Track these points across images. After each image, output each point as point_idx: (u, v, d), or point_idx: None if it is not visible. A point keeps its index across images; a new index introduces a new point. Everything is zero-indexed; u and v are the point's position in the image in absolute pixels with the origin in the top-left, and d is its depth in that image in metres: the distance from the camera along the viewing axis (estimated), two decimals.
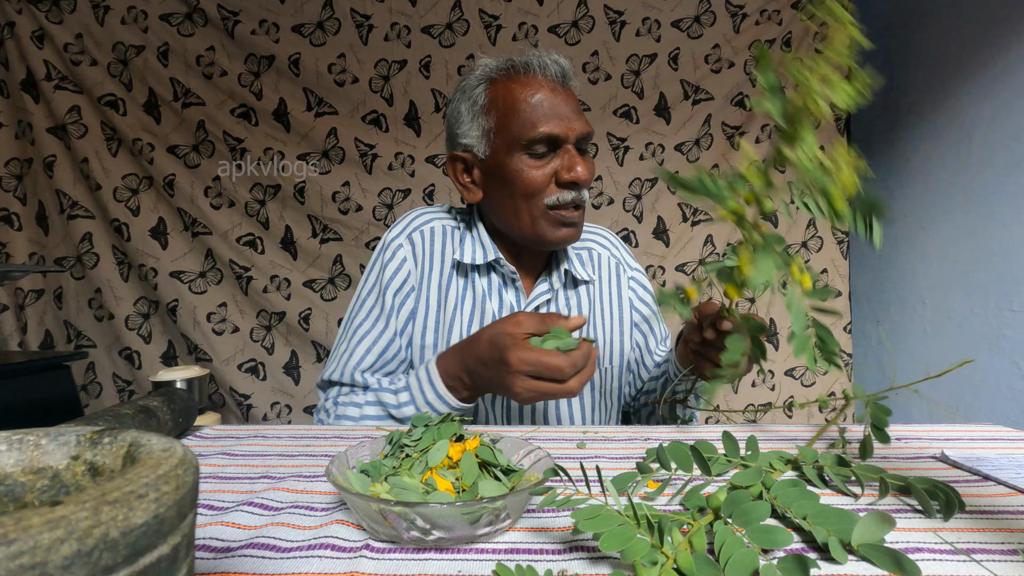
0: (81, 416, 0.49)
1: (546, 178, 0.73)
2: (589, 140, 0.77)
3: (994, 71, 1.48)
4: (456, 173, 0.80)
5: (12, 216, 1.83)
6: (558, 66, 0.74)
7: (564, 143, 0.73)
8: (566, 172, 0.72)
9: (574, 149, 0.74)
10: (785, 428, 0.63)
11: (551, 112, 0.72)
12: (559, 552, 0.34)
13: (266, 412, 1.89)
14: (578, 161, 0.73)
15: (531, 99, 0.72)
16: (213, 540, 0.35)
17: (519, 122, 0.72)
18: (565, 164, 0.73)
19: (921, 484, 0.39)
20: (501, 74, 0.75)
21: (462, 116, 0.77)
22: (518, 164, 0.73)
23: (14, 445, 0.23)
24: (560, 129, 0.72)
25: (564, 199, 0.73)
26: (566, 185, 0.73)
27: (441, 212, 0.86)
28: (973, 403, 1.54)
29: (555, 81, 0.74)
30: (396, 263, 0.80)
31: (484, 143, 0.76)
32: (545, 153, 0.73)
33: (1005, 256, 1.44)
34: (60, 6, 1.79)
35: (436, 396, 0.69)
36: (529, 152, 0.73)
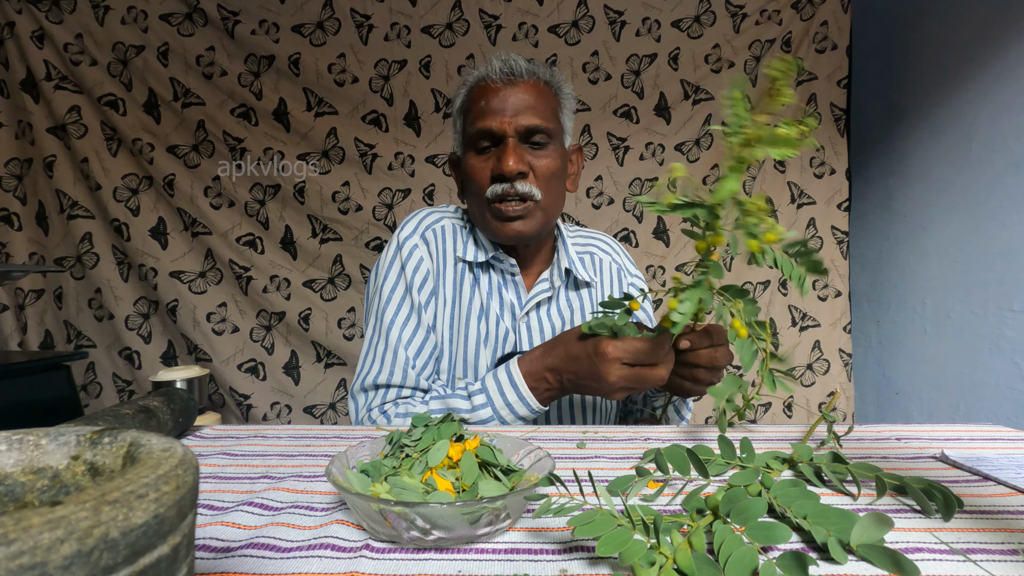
0: (81, 416, 0.49)
1: (485, 172, 0.76)
2: (543, 133, 0.76)
3: (994, 71, 1.48)
4: (454, 172, 0.87)
5: (12, 216, 1.83)
6: (504, 64, 0.76)
7: (503, 136, 0.75)
8: (496, 164, 0.74)
9: (513, 142, 0.74)
10: (780, 429, 0.63)
11: (490, 108, 0.75)
12: (559, 552, 0.34)
13: (266, 412, 1.89)
14: (507, 154, 0.73)
15: (480, 99, 0.77)
16: (213, 540, 0.35)
17: (469, 121, 0.78)
18: (496, 157, 0.75)
19: (917, 484, 0.39)
20: (473, 81, 0.80)
21: (453, 120, 0.84)
22: (469, 160, 0.78)
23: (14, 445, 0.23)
24: (495, 123, 0.74)
25: (495, 192, 0.75)
26: (496, 178, 0.75)
27: (449, 211, 0.87)
28: (973, 403, 1.54)
29: (500, 79, 0.76)
30: (415, 261, 0.81)
31: (459, 144, 0.83)
32: (487, 148, 0.76)
33: (1005, 256, 1.44)
34: (60, 6, 1.79)
35: (517, 397, 0.68)
36: (476, 148, 0.77)
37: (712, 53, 1.91)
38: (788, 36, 1.90)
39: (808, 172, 1.94)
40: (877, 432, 0.61)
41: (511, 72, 0.76)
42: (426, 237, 0.83)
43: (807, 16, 1.88)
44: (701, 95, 1.93)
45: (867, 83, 1.96)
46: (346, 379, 1.91)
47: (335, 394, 1.90)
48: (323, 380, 1.89)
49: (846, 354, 1.94)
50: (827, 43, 1.90)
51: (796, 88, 1.91)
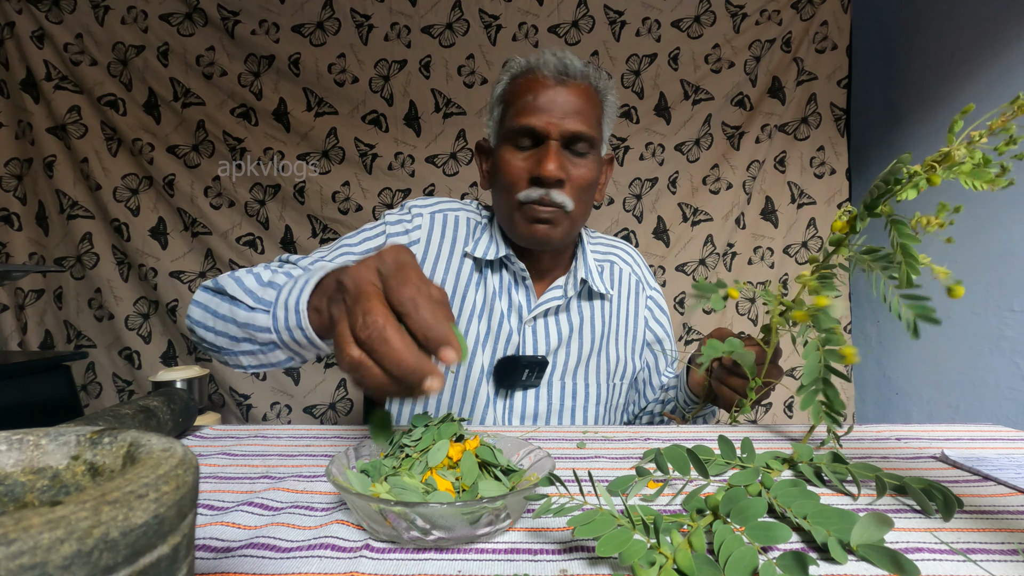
0: (81, 416, 0.49)
1: (522, 172, 0.72)
2: (585, 142, 0.73)
3: (994, 71, 1.48)
4: (480, 162, 0.83)
5: (12, 216, 1.83)
6: (560, 62, 0.73)
7: (545, 138, 0.71)
8: (536, 167, 0.71)
9: (556, 146, 0.71)
10: (780, 428, 0.63)
11: (538, 106, 0.71)
12: (559, 552, 0.34)
13: (266, 412, 1.89)
14: (551, 158, 0.70)
15: (527, 93, 0.73)
16: (213, 540, 0.35)
17: (511, 113, 0.74)
18: (538, 159, 0.71)
19: (917, 484, 0.39)
20: (519, 70, 0.76)
21: (488, 107, 0.81)
22: (504, 154, 0.74)
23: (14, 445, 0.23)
24: (540, 123, 0.70)
25: (530, 196, 0.72)
26: (534, 181, 0.72)
27: (469, 206, 0.85)
28: (973, 403, 1.54)
29: (552, 76, 0.72)
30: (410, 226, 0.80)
31: (494, 133, 0.79)
32: (528, 147, 0.73)
33: (1005, 256, 1.44)
34: (60, 6, 1.79)
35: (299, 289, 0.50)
36: (514, 144, 0.73)
37: (712, 53, 1.91)
38: (788, 36, 1.90)
39: (808, 172, 1.94)
40: (877, 432, 0.61)
41: (565, 71, 0.73)
42: (435, 218, 0.81)
43: (807, 16, 1.88)
44: (701, 95, 1.92)
45: (867, 83, 1.96)
46: (346, 379, 1.91)
47: (335, 394, 1.90)
48: (323, 380, 1.89)
49: None
50: (827, 43, 1.90)
51: (796, 88, 1.91)
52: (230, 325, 0.58)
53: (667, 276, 1.94)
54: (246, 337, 0.56)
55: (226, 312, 0.58)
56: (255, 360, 0.58)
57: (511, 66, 0.78)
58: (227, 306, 0.58)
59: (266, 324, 0.53)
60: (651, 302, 0.91)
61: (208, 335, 0.62)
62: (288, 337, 0.52)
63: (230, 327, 0.58)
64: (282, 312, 0.51)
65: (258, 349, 0.56)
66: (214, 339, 0.61)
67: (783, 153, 1.94)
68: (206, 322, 0.62)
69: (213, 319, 0.60)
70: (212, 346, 0.62)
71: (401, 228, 0.79)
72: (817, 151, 1.93)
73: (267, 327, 0.53)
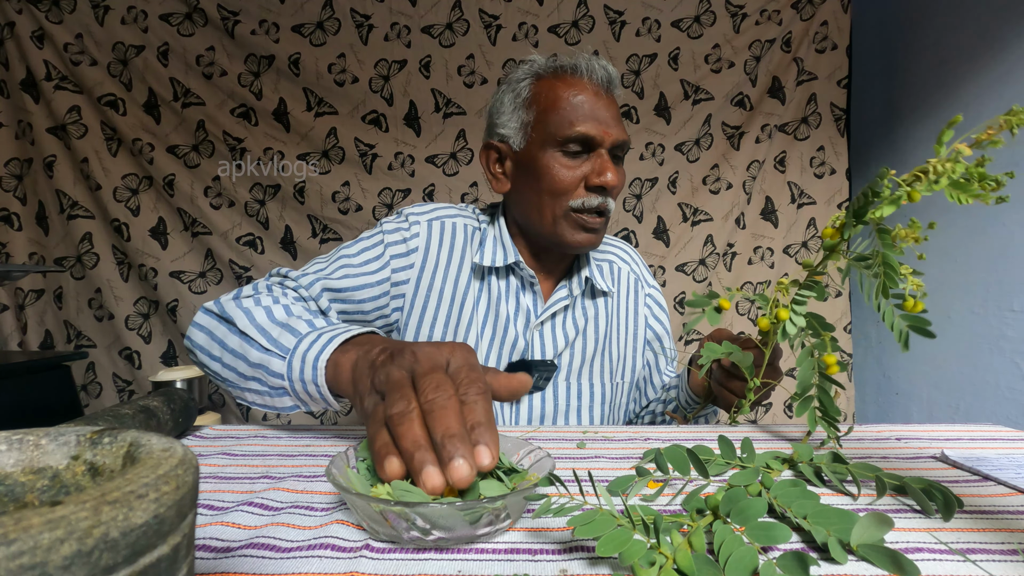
0: (81, 416, 0.49)
1: (575, 179, 0.73)
2: (624, 150, 0.76)
3: (994, 71, 1.48)
4: (488, 162, 0.81)
5: (12, 216, 1.83)
6: (605, 72, 0.74)
7: (599, 147, 0.72)
8: (596, 176, 0.72)
9: (607, 155, 0.73)
10: (780, 428, 0.63)
11: (590, 114, 0.72)
12: (559, 552, 0.34)
13: (266, 413, 1.88)
14: (609, 167, 0.72)
15: (573, 99, 0.72)
16: (213, 540, 0.35)
17: (557, 119, 0.72)
18: (596, 168, 0.72)
19: (917, 484, 0.39)
20: (548, 71, 0.76)
21: (504, 107, 0.78)
22: (550, 160, 0.73)
23: (14, 445, 0.23)
24: (597, 131, 0.72)
25: (590, 203, 0.73)
26: (594, 189, 0.73)
27: (465, 212, 0.84)
28: (973, 403, 1.54)
29: (599, 85, 0.74)
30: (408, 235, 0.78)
31: (521, 135, 0.76)
32: (579, 153, 0.73)
33: (1005, 256, 1.44)
34: (60, 6, 1.79)
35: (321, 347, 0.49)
36: (563, 150, 0.73)
37: (712, 53, 1.91)
38: (788, 36, 1.90)
39: (808, 172, 1.94)
40: (877, 432, 0.61)
41: (610, 81, 0.75)
42: (433, 225, 0.80)
43: (807, 16, 1.88)
44: (701, 95, 1.92)
45: (867, 83, 1.96)
46: None
47: None
48: None
49: (846, 354, 1.94)
50: (827, 43, 1.90)
51: (796, 88, 1.91)
52: (240, 361, 0.56)
53: (667, 276, 1.94)
54: (256, 377, 0.55)
55: (235, 347, 0.57)
56: (260, 400, 0.56)
57: (534, 66, 0.77)
58: (237, 340, 0.57)
59: (280, 370, 0.52)
60: (650, 300, 0.91)
61: (213, 364, 0.60)
62: (301, 388, 0.51)
63: (239, 363, 0.56)
64: (298, 363, 0.50)
65: (266, 391, 0.55)
66: (220, 370, 0.59)
67: (783, 153, 1.94)
68: (211, 350, 0.60)
69: (220, 349, 0.58)
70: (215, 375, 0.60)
71: (399, 237, 0.77)
72: (817, 151, 1.93)
73: (280, 373, 0.52)
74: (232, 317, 0.58)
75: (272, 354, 0.53)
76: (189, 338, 0.63)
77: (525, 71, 0.77)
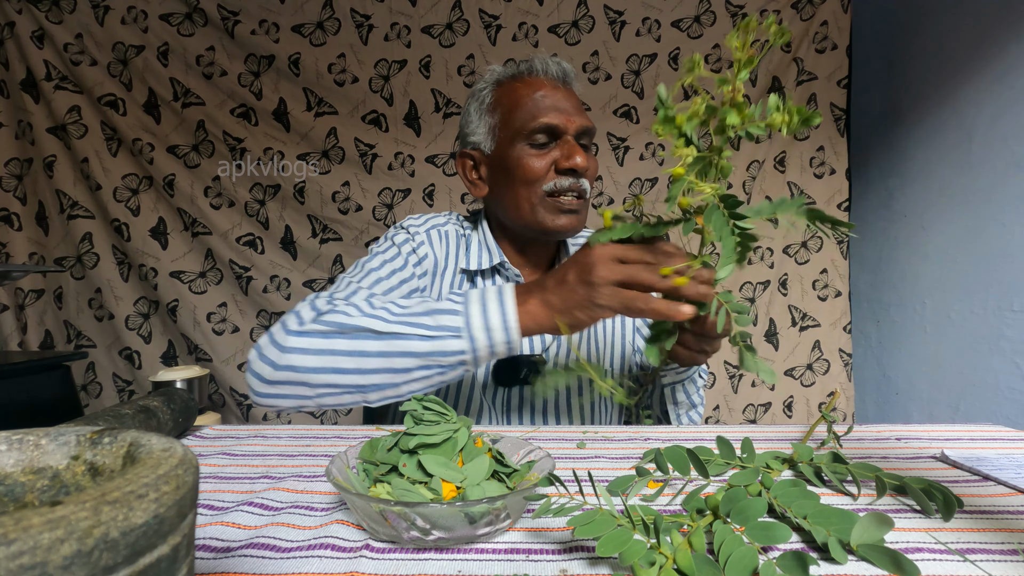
0: (81, 416, 0.49)
1: (545, 166, 0.76)
2: (590, 136, 0.79)
3: (994, 71, 1.48)
4: (465, 171, 0.85)
5: (12, 216, 1.83)
6: (559, 67, 0.79)
7: (563, 134, 0.76)
8: (565, 159, 0.75)
9: (573, 140, 0.76)
10: (780, 428, 0.63)
11: (551, 105, 0.76)
12: (559, 552, 0.34)
13: (266, 412, 1.89)
14: (576, 150, 0.75)
15: (533, 95, 0.77)
16: (213, 540, 0.35)
17: (521, 115, 0.77)
18: (564, 152, 0.75)
19: (917, 484, 0.39)
20: (507, 77, 0.81)
21: (471, 116, 0.83)
22: (519, 153, 0.77)
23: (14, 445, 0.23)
24: (559, 120, 0.75)
25: (562, 184, 0.75)
26: (564, 172, 0.76)
27: (452, 219, 0.88)
28: (973, 403, 1.54)
29: (556, 79, 0.78)
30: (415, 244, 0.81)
31: (490, 139, 0.81)
32: (545, 143, 0.76)
33: (1005, 256, 1.44)
34: (60, 6, 1.79)
35: (500, 318, 0.57)
36: (530, 142, 0.76)
37: (712, 53, 1.91)
38: None
39: (808, 172, 1.94)
40: (877, 432, 0.61)
41: (565, 75, 0.79)
42: (431, 235, 0.83)
43: (807, 16, 1.88)
44: None
45: (867, 83, 1.96)
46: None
47: None
48: None
49: (846, 354, 1.94)
50: (827, 43, 1.90)
51: (796, 88, 1.91)
52: (396, 359, 0.58)
53: None
54: (426, 365, 0.58)
55: (382, 348, 0.58)
56: (422, 384, 0.59)
57: (494, 73, 0.82)
58: (380, 343, 0.58)
59: (460, 348, 0.57)
60: None
61: (344, 378, 0.58)
62: (486, 354, 0.58)
63: (396, 361, 0.58)
64: (482, 335, 0.57)
65: (437, 372, 0.58)
66: (356, 379, 0.58)
67: (783, 153, 1.94)
68: (339, 365, 0.58)
69: (355, 360, 0.58)
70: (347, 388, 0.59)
71: (410, 248, 0.81)
72: (817, 151, 1.93)
73: (461, 350, 0.57)
74: (362, 325, 0.59)
75: (443, 339, 0.57)
76: (291, 367, 0.59)
77: (486, 80, 0.82)
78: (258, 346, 0.61)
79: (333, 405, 0.61)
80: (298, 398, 0.60)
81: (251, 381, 0.61)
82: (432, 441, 0.38)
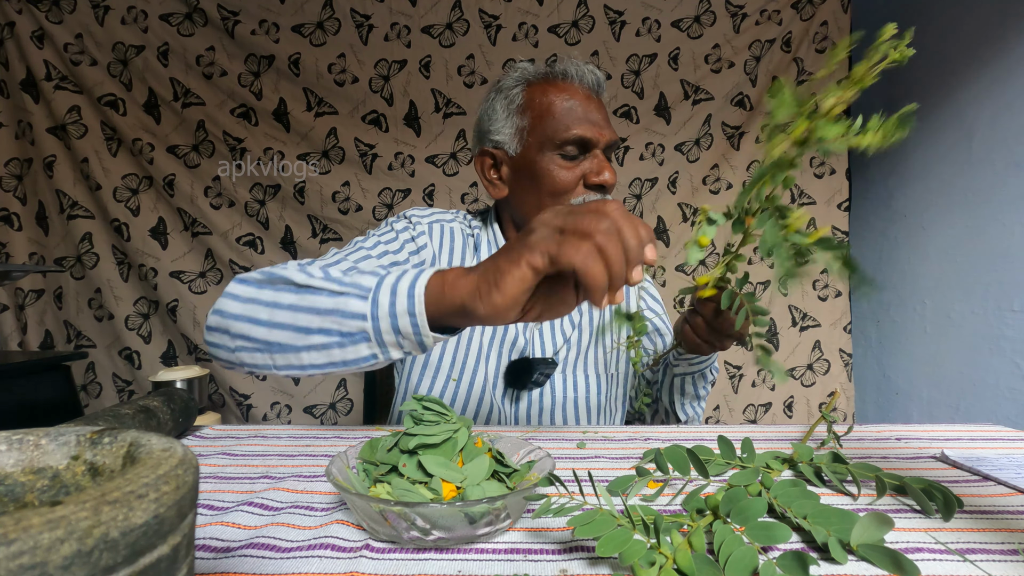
0: (81, 416, 0.49)
1: (574, 179, 0.76)
2: (616, 149, 0.80)
3: (994, 71, 1.48)
4: (484, 169, 0.82)
5: (12, 216, 1.83)
6: (594, 76, 0.78)
7: (594, 147, 0.75)
8: (595, 175, 0.75)
9: (603, 155, 0.76)
10: (780, 428, 0.63)
11: (584, 117, 0.75)
12: (559, 552, 0.34)
13: (266, 412, 1.89)
14: (606, 166, 0.75)
15: (566, 103, 0.75)
16: (213, 540, 0.35)
17: (553, 123, 0.75)
18: (594, 168, 0.75)
19: (917, 484, 0.39)
20: (539, 78, 0.78)
21: (497, 114, 0.79)
22: (549, 163, 0.76)
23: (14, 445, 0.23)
24: (592, 133, 0.75)
25: (589, 199, 0.75)
26: (593, 187, 0.75)
27: (459, 217, 0.87)
28: (973, 403, 1.54)
29: (590, 89, 0.78)
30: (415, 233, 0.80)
31: (516, 141, 0.78)
32: (575, 155, 0.76)
33: (1005, 256, 1.44)
34: (60, 6, 1.79)
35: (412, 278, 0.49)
36: (561, 152, 0.75)
37: (712, 53, 1.91)
38: (788, 36, 1.90)
39: (808, 172, 1.94)
40: (877, 432, 0.61)
41: (599, 85, 0.79)
42: (433, 228, 0.82)
43: (807, 16, 1.88)
44: (701, 95, 1.93)
45: None
46: (346, 379, 1.91)
47: (335, 394, 1.90)
48: (323, 380, 1.89)
49: (846, 354, 1.94)
50: (827, 43, 1.90)
51: (796, 88, 1.91)
52: (300, 315, 0.52)
53: (667, 276, 1.94)
54: (324, 328, 0.51)
55: (293, 302, 0.53)
56: (324, 357, 0.52)
57: (525, 72, 0.79)
58: (294, 296, 0.53)
59: (361, 310, 0.49)
60: (644, 292, 0.93)
61: (256, 330, 0.55)
62: (388, 325, 0.49)
63: (300, 317, 0.52)
64: (387, 297, 0.49)
65: (337, 341, 0.51)
66: (265, 334, 0.54)
67: None
68: (255, 315, 0.55)
69: (270, 311, 0.54)
70: (255, 342, 0.55)
71: (409, 235, 0.80)
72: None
73: (362, 313, 0.49)
74: (288, 277, 0.55)
75: (348, 296, 0.50)
76: (219, 311, 0.57)
77: (516, 78, 0.79)
78: None
79: (250, 365, 0.57)
80: (223, 348, 0.57)
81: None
82: (432, 441, 0.38)
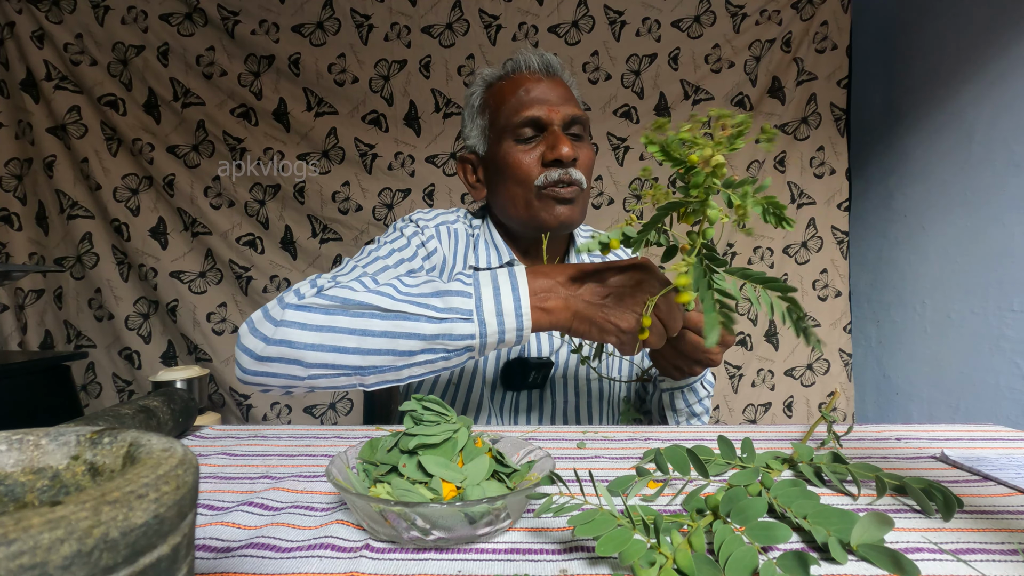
0: (81, 416, 0.49)
1: (534, 160, 0.76)
2: (581, 125, 0.78)
3: (994, 71, 1.48)
4: (465, 174, 0.85)
5: (12, 216, 1.83)
6: (541, 58, 0.79)
7: (549, 125, 0.76)
8: (549, 151, 0.74)
9: (560, 131, 0.76)
10: (780, 428, 0.63)
11: (533, 98, 0.76)
12: (559, 552, 0.34)
13: (266, 412, 1.89)
14: (562, 140, 0.74)
15: (517, 91, 0.77)
16: (213, 540, 0.35)
17: (506, 112, 0.77)
18: (549, 143, 0.75)
19: (917, 484, 0.39)
20: (495, 78, 0.82)
21: (465, 121, 0.84)
22: (508, 150, 0.77)
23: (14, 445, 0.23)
24: (542, 112, 0.75)
25: (551, 177, 0.74)
26: (551, 163, 0.75)
27: (461, 217, 0.87)
28: (973, 403, 1.54)
29: (539, 72, 0.78)
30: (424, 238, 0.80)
31: (482, 141, 0.81)
32: (532, 137, 0.76)
33: (1005, 256, 1.44)
34: (60, 6, 1.79)
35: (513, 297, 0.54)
36: (516, 137, 0.76)
37: (712, 53, 1.91)
38: (788, 36, 1.90)
39: (808, 172, 1.94)
40: (877, 432, 0.61)
41: (548, 66, 0.79)
42: (440, 231, 0.83)
43: (807, 16, 1.88)
44: (701, 95, 1.93)
45: (867, 83, 1.96)
46: None
47: (335, 394, 1.90)
48: None
49: (846, 354, 1.94)
50: (827, 43, 1.90)
51: (796, 88, 1.91)
52: (401, 340, 0.53)
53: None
54: (430, 348, 0.54)
55: (388, 328, 0.53)
56: (426, 368, 0.55)
57: (484, 76, 0.83)
58: (387, 323, 0.54)
59: (470, 331, 0.53)
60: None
61: (346, 358, 0.54)
62: (495, 341, 0.54)
63: (400, 343, 0.53)
64: (493, 319, 0.54)
65: (442, 357, 0.54)
66: (358, 360, 0.54)
67: (783, 153, 1.94)
68: (340, 344, 0.54)
69: (358, 339, 0.54)
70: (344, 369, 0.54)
71: (419, 240, 0.81)
72: (817, 151, 1.93)
73: (470, 334, 0.53)
74: (367, 302, 0.54)
75: (453, 320, 0.53)
76: (287, 342, 0.54)
77: (476, 84, 0.83)
78: (250, 320, 0.56)
79: (324, 388, 0.57)
80: (288, 378, 0.55)
81: (240, 357, 0.56)
82: (432, 441, 0.38)
